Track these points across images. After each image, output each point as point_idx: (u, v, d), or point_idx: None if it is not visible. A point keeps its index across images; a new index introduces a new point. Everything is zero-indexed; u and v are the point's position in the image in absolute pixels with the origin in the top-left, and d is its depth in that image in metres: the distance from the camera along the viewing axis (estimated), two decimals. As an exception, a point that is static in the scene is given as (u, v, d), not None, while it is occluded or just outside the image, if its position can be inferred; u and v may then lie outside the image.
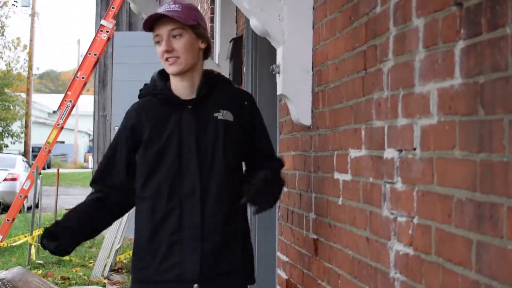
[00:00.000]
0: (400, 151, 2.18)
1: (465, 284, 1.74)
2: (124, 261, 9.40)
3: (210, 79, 2.96)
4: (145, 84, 3.04)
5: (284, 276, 3.82)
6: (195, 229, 2.81)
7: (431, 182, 1.95)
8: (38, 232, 9.85)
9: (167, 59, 2.85)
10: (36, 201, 10.80)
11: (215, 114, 2.89)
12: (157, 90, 2.95)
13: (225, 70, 5.96)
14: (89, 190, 3.15)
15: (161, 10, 2.86)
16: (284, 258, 3.85)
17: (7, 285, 5.95)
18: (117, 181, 2.96)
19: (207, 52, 2.98)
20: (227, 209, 2.85)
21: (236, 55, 5.66)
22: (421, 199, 2.02)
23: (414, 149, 2.07)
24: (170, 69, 2.87)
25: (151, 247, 2.85)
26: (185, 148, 2.85)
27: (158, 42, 2.87)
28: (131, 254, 8.72)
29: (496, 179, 1.60)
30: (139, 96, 3.03)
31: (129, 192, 2.95)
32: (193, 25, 2.86)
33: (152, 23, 2.86)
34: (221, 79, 3.05)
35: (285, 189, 3.81)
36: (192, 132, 2.86)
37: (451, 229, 1.82)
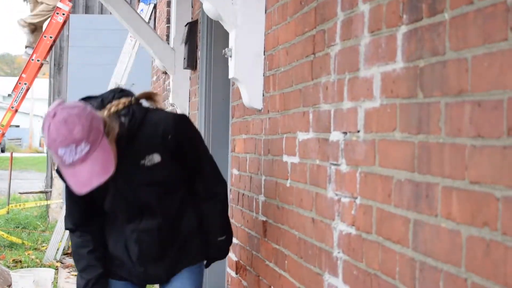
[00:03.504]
0: (345, 133, 2.23)
1: (402, 261, 1.80)
2: (78, 245, 9.34)
3: (130, 130, 2.72)
4: None
5: (234, 258, 3.86)
6: (156, 259, 2.92)
7: (373, 163, 2.00)
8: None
9: None
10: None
11: (142, 162, 2.77)
12: None
13: (180, 54, 5.96)
14: (42, 175, 3.11)
15: (76, 159, 2.47)
16: (234, 240, 3.89)
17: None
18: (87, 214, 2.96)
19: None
20: (181, 229, 2.93)
21: (191, 39, 5.66)
22: (364, 180, 2.07)
23: (358, 131, 2.12)
24: None
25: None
26: (130, 204, 2.84)
27: None
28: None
29: (433, 159, 1.66)
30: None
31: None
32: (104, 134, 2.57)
33: None
34: (139, 121, 2.74)
35: (236, 172, 3.85)
36: (127, 190, 2.81)
37: (391, 209, 1.87)
